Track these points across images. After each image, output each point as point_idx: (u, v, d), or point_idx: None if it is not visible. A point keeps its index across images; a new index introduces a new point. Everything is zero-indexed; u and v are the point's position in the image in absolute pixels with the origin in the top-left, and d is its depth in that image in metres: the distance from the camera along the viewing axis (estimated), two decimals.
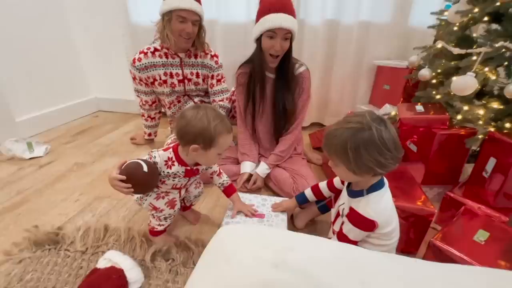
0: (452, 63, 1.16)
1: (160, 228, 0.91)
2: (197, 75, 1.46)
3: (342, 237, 0.75)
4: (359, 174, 0.67)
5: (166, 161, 0.83)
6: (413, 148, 1.19)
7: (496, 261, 0.72)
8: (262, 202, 1.08)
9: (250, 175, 1.32)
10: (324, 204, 1.01)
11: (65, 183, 1.31)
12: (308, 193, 1.01)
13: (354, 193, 0.74)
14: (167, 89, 1.46)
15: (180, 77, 1.44)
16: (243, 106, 1.32)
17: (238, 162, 1.38)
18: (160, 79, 1.42)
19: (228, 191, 1.02)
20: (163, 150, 0.84)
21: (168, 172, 0.83)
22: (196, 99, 1.57)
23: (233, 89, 1.54)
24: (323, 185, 0.99)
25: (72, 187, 1.27)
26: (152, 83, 1.44)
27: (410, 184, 1.00)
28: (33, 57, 1.78)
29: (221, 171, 1.01)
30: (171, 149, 0.84)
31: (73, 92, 2.13)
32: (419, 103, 1.20)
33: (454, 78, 1.02)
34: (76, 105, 2.16)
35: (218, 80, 1.51)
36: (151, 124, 1.67)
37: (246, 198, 1.09)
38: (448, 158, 1.11)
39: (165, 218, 0.88)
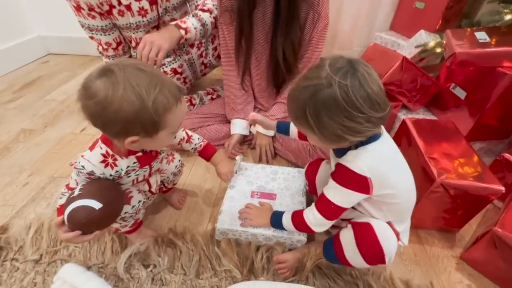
0: None
1: (125, 229, 0.68)
2: None
3: (322, 202, 0.55)
4: (332, 144, 0.51)
5: (102, 161, 0.54)
6: (460, 93, 0.90)
7: None
8: (271, 175, 0.84)
9: (243, 137, 1.04)
10: None
11: (9, 159, 1.02)
12: (293, 128, 0.76)
13: (341, 152, 0.54)
14: (135, 20, 0.94)
15: None
16: (233, 42, 0.93)
17: (229, 121, 1.08)
18: (120, 4, 0.88)
19: (206, 153, 0.77)
20: (89, 149, 0.55)
21: (116, 172, 0.56)
22: None
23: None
24: None
25: (19, 165, 0.99)
26: (109, 12, 0.91)
27: (458, 144, 0.76)
28: None
29: (189, 133, 0.74)
30: (99, 143, 0.55)
31: (6, 29, 1.61)
32: (471, 29, 0.85)
33: None
34: (16, 47, 1.68)
35: None
36: None
37: (249, 170, 0.86)
38: (509, 110, 0.83)
39: (123, 219, 0.63)
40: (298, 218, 0.61)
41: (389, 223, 0.55)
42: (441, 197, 0.68)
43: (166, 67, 1.11)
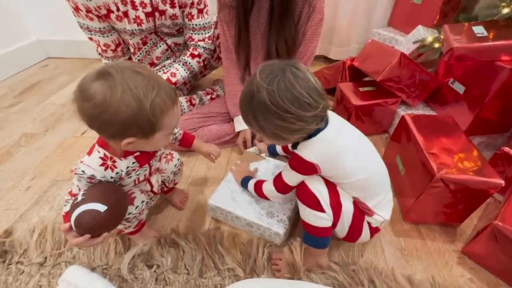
0: None
1: (129, 230, 0.68)
2: (172, 4, 0.97)
3: (277, 180, 0.64)
4: (276, 141, 0.60)
5: (102, 164, 0.54)
6: (459, 88, 0.90)
7: None
8: (273, 168, 0.86)
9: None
10: None
11: (11, 163, 1.02)
12: (278, 147, 0.92)
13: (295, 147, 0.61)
14: (131, 27, 0.97)
15: (149, 9, 0.95)
16: (235, 39, 0.93)
17: (230, 119, 1.09)
18: (118, 10, 0.92)
19: (188, 141, 0.78)
20: (87, 154, 0.55)
21: (117, 174, 0.56)
22: (169, 41, 1.11)
23: (214, 19, 1.11)
24: None
25: (21, 169, 0.99)
26: (107, 15, 0.94)
27: (457, 139, 0.76)
28: None
29: None
30: (97, 147, 0.55)
31: (4, 34, 1.62)
32: (472, 23, 0.85)
33: None
34: (15, 52, 1.68)
35: (200, 11, 1.02)
36: None
37: (256, 165, 0.88)
38: (508, 103, 0.83)
39: (127, 220, 0.63)
40: (258, 187, 0.70)
41: (356, 198, 0.59)
42: (441, 192, 0.68)
43: (166, 68, 1.12)
